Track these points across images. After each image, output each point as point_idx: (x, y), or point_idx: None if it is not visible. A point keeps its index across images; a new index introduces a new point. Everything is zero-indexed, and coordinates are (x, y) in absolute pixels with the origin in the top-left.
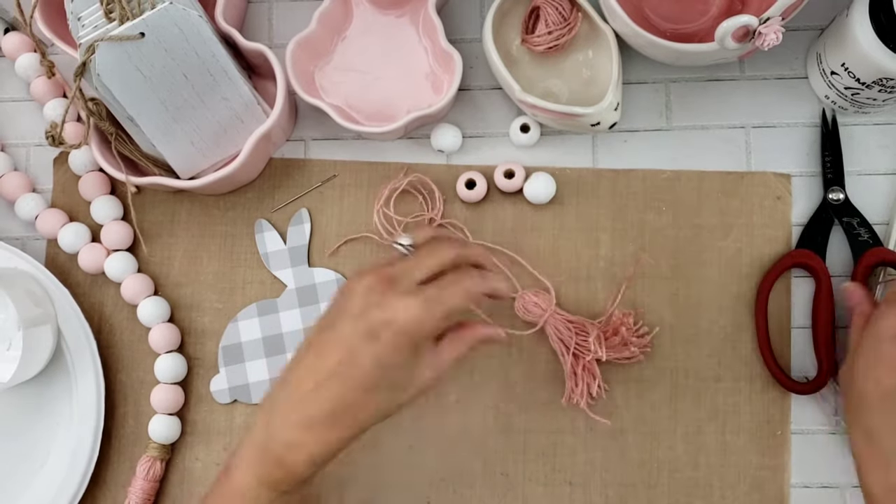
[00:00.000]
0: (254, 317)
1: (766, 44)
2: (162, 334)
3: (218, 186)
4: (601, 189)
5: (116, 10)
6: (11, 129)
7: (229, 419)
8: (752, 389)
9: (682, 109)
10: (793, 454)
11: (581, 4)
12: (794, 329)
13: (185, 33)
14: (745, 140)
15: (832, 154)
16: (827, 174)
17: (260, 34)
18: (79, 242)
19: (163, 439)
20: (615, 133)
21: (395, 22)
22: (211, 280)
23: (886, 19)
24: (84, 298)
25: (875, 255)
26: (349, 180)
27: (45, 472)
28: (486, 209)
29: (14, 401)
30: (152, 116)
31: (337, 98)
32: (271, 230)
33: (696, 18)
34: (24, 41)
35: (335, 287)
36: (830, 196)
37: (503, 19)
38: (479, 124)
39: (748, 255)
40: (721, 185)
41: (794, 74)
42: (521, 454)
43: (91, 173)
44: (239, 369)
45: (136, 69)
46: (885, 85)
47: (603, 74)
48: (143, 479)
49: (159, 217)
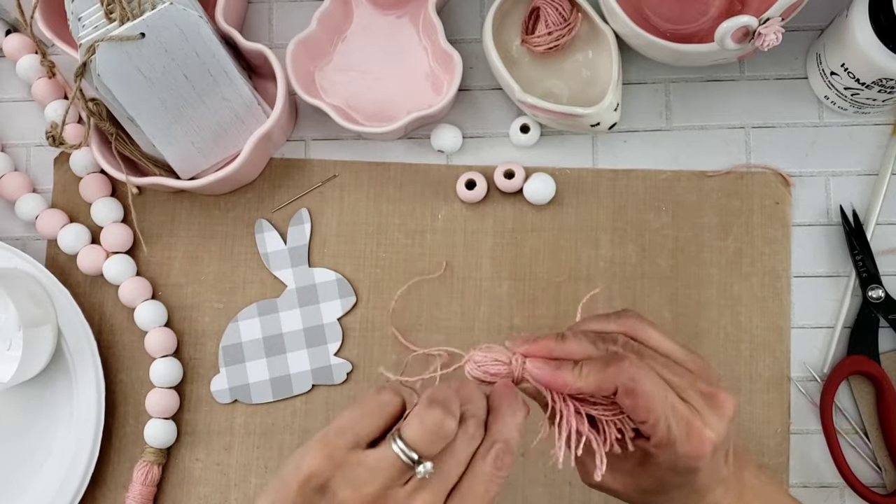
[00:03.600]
0: (254, 317)
1: (766, 44)
2: (158, 339)
3: (218, 186)
4: (601, 189)
5: (117, 11)
6: (12, 129)
7: (229, 419)
8: (752, 389)
9: (682, 109)
10: (792, 454)
11: (581, 5)
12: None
13: (185, 33)
14: (745, 140)
15: (861, 251)
16: (861, 273)
17: (260, 34)
18: (78, 244)
19: (159, 443)
20: (615, 133)
21: (395, 22)
22: (211, 280)
23: (886, 19)
24: (84, 299)
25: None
26: (349, 180)
27: (45, 472)
28: (486, 209)
29: (14, 401)
30: (152, 116)
31: (337, 98)
32: (271, 230)
33: (696, 19)
34: (25, 43)
35: (335, 287)
36: (870, 294)
37: (503, 20)
38: (479, 124)
39: (748, 255)
40: (721, 185)
41: (793, 75)
42: (521, 454)
43: (91, 175)
44: (239, 369)
45: (137, 69)
46: (884, 85)
47: (603, 75)
48: (141, 485)
49: (159, 217)
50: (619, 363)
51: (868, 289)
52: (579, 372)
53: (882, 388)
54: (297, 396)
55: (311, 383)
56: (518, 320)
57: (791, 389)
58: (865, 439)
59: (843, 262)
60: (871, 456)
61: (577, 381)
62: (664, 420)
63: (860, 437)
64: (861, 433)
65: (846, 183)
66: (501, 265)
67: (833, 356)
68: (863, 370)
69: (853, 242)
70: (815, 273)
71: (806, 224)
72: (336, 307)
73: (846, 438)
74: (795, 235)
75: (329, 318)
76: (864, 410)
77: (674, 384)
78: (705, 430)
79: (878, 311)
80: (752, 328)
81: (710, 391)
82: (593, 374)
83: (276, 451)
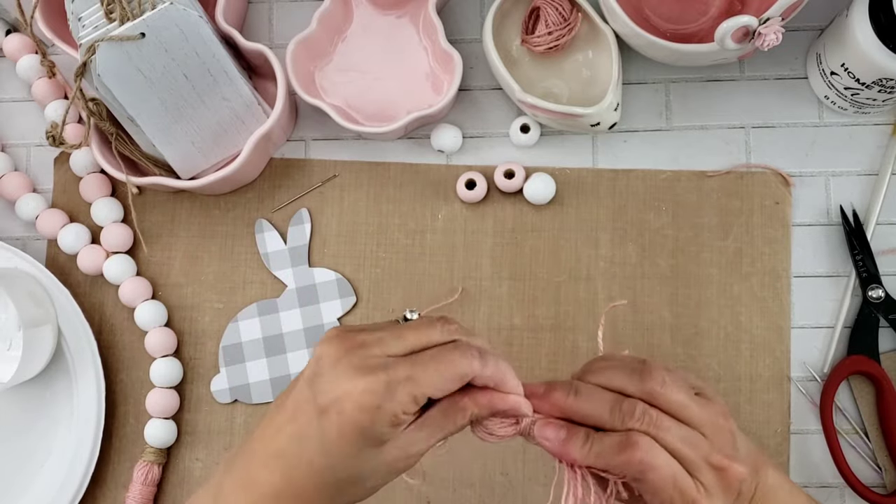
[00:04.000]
0: (254, 317)
1: (766, 44)
2: (158, 339)
3: (218, 186)
4: (601, 189)
5: (117, 11)
6: (12, 129)
7: (230, 419)
8: (753, 389)
9: (682, 109)
10: (793, 454)
11: (581, 5)
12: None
13: (185, 33)
14: (745, 140)
15: (861, 251)
16: (861, 273)
17: (260, 34)
18: (79, 244)
19: (159, 443)
20: (615, 133)
21: (395, 22)
22: (211, 280)
23: (886, 19)
24: (85, 298)
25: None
26: (349, 180)
27: (45, 472)
28: (486, 209)
29: (14, 401)
30: (153, 116)
31: (337, 98)
32: (271, 230)
33: (696, 19)
34: (26, 43)
35: (335, 287)
36: (870, 294)
37: (503, 20)
38: (479, 124)
39: (748, 255)
40: (721, 185)
41: (793, 75)
42: (521, 454)
43: (91, 175)
44: (239, 369)
45: (137, 69)
46: (884, 85)
47: (603, 74)
48: (141, 484)
49: (159, 217)
50: (631, 450)
51: (868, 289)
52: (589, 449)
53: (882, 388)
54: None
55: None
56: (518, 320)
57: (791, 389)
58: (865, 439)
59: (843, 262)
60: (871, 456)
61: (587, 458)
62: (669, 502)
63: (860, 437)
64: (861, 433)
65: (846, 183)
66: (501, 265)
67: (833, 356)
68: (863, 370)
69: (853, 242)
70: (815, 273)
71: (806, 224)
72: (336, 307)
73: (846, 438)
74: (795, 235)
75: (329, 318)
76: (864, 410)
77: (687, 461)
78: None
79: (878, 311)
80: (752, 328)
81: (723, 465)
82: (604, 456)
83: None
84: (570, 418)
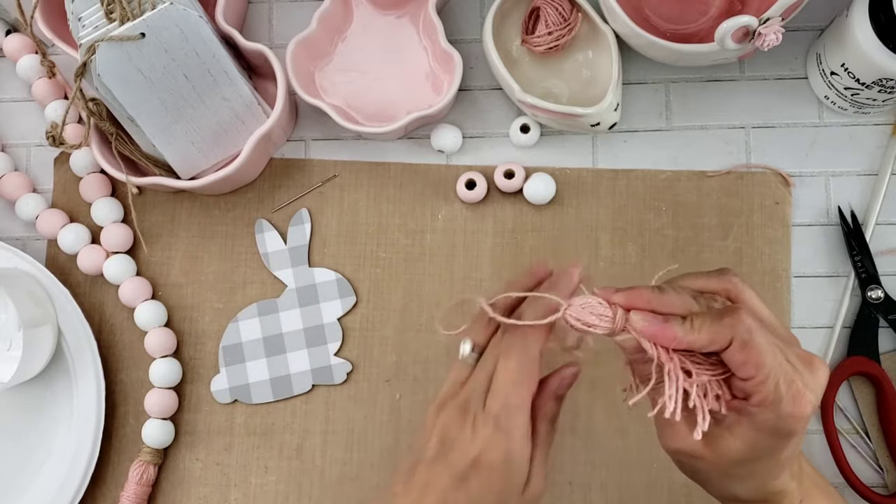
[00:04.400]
0: (254, 317)
1: (766, 44)
2: (157, 339)
3: (218, 186)
4: (601, 189)
5: (117, 11)
6: (12, 129)
7: (230, 419)
8: None
9: (682, 109)
10: None
11: (581, 5)
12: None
13: (185, 33)
14: (745, 140)
15: (860, 252)
16: (861, 274)
17: (260, 34)
18: (78, 244)
19: (156, 444)
20: (615, 133)
21: (395, 22)
22: (211, 280)
23: (886, 19)
24: (85, 299)
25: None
26: (349, 180)
27: (45, 472)
28: (486, 209)
29: (14, 401)
30: (153, 116)
31: (337, 98)
32: (271, 230)
33: (696, 19)
34: (26, 43)
35: (335, 287)
36: (870, 295)
37: (503, 20)
38: (479, 124)
39: (748, 255)
40: (721, 185)
41: (793, 75)
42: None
43: (91, 175)
44: (239, 369)
45: (137, 69)
46: (884, 85)
47: (603, 74)
48: (136, 484)
49: (159, 217)
50: (735, 314)
51: (867, 289)
52: (690, 325)
53: (882, 388)
54: (298, 396)
55: (311, 383)
56: None
57: None
58: (866, 439)
59: (842, 262)
60: (872, 456)
61: (689, 334)
62: (773, 377)
63: (861, 437)
64: (862, 433)
65: (846, 183)
66: (501, 265)
67: (833, 356)
68: (863, 371)
69: (851, 243)
70: (814, 273)
71: (806, 224)
72: (336, 307)
73: (847, 438)
74: (795, 235)
75: (329, 318)
76: (865, 410)
77: (777, 344)
78: (807, 392)
79: (878, 311)
80: None
81: (807, 355)
82: (706, 326)
83: (276, 451)
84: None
